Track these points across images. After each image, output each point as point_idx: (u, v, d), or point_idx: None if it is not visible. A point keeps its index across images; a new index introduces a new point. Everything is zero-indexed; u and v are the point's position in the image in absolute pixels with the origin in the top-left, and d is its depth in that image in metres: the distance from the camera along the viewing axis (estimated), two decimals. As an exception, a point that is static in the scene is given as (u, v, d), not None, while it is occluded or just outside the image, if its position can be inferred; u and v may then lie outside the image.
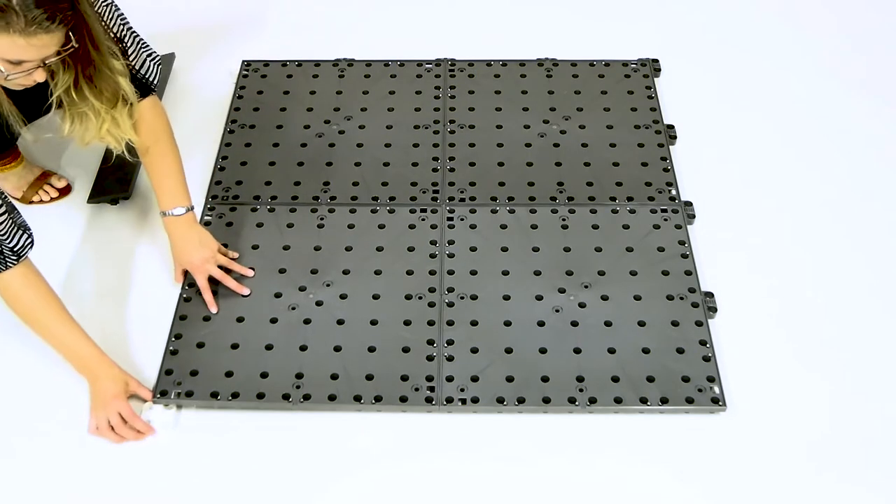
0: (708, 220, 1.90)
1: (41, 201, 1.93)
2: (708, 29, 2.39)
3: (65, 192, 1.95)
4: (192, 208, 1.72)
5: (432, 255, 1.82)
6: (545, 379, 1.61)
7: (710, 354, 1.64)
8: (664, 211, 1.89)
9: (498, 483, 1.50)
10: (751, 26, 2.40)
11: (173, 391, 1.60)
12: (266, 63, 2.25)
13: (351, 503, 1.49)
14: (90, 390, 1.59)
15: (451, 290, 1.75)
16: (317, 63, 2.25)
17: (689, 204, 1.90)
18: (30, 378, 1.65)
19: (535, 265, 1.79)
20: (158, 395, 1.59)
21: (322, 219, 1.89)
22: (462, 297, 1.74)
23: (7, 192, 1.85)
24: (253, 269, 1.77)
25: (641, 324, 1.70)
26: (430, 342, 1.67)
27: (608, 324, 1.70)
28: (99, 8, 1.56)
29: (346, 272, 1.79)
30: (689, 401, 1.58)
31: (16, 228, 1.51)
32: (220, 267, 1.74)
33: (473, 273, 1.78)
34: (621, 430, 1.57)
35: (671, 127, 2.07)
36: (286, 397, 1.59)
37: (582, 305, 1.73)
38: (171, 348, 1.66)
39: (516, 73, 2.22)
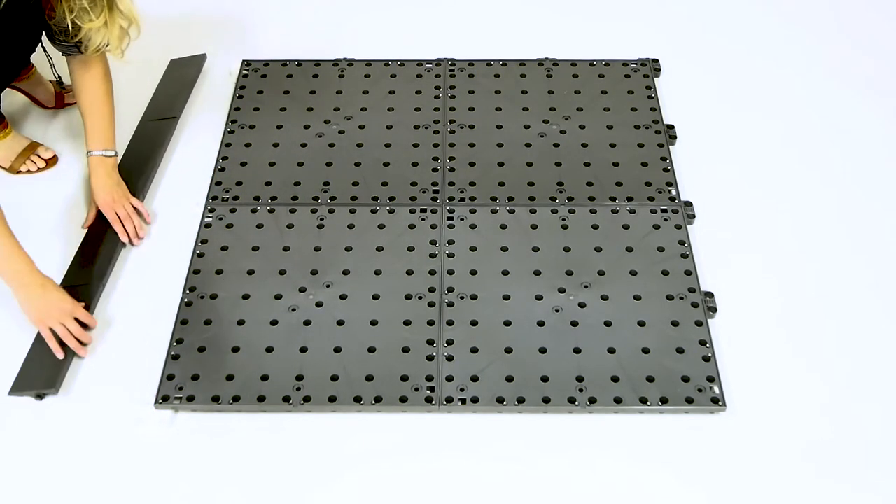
0: (708, 220, 1.90)
1: (28, 171, 1.99)
2: (708, 29, 2.39)
3: (51, 162, 2.01)
4: (116, 154, 1.92)
5: (432, 255, 1.82)
6: (545, 379, 1.61)
7: (709, 354, 1.65)
8: (664, 211, 1.89)
9: (498, 483, 1.50)
10: (751, 26, 2.40)
11: (175, 396, 1.60)
12: (266, 63, 2.26)
13: (351, 503, 1.49)
14: (28, 298, 1.64)
15: (450, 289, 1.75)
16: (317, 63, 2.25)
17: (689, 204, 1.91)
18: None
19: (534, 265, 1.80)
20: (160, 401, 1.59)
21: (322, 219, 1.89)
22: (462, 297, 1.74)
23: None
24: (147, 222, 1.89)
25: (641, 324, 1.70)
26: (430, 342, 1.67)
27: (608, 324, 1.70)
28: None
29: (346, 272, 1.79)
30: (689, 401, 1.58)
31: None
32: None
33: (473, 273, 1.79)
34: (621, 430, 1.57)
35: (671, 127, 2.08)
36: (286, 399, 1.59)
37: (582, 305, 1.73)
38: (172, 353, 1.66)
39: (516, 73, 2.22)
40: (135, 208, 1.87)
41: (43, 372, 1.63)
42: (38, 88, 2.12)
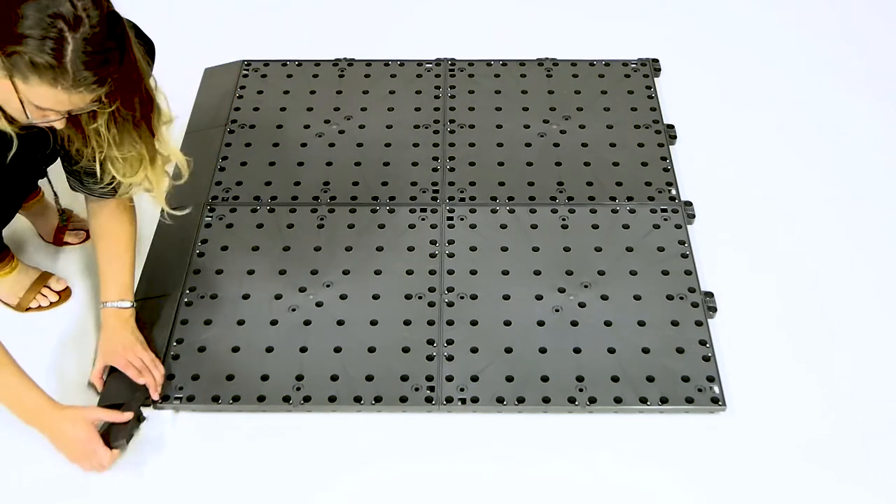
0: (708, 220, 1.90)
1: (39, 307, 1.74)
2: (708, 29, 2.40)
3: (65, 295, 1.76)
4: (134, 306, 1.64)
5: (432, 255, 1.82)
6: (545, 379, 1.61)
7: (709, 354, 1.65)
8: (664, 211, 1.89)
9: (498, 483, 1.50)
10: (751, 26, 2.40)
11: (175, 396, 1.60)
12: (266, 63, 2.26)
13: (351, 503, 1.49)
14: (52, 440, 1.48)
15: (450, 289, 1.75)
16: (317, 63, 2.26)
17: (689, 204, 1.91)
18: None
19: (535, 265, 1.80)
20: (160, 400, 1.59)
21: (322, 219, 1.89)
22: (462, 297, 1.74)
23: (1, 300, 1.75)
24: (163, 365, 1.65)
25: (641, 323, 1.70)
26: (430, 342, 1.67)
27: (608, 324, 1.70)
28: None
29: (346, 272, 1.79)
30: (689, 401, 1.58)
31: None
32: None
33: (473, 273, 1.79)
34: (621, 430, 1.57)
35: (671, 127, 2.08)
36: (286, 399, 1.59)
37: (582, 305, 1.73)
38: (172, 353, 1.66)
39: (516, 73, 2.22)
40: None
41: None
42: (39, 219, 1.85)
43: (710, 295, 1.74)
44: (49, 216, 1.84)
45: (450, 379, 1.62)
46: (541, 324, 1.70)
